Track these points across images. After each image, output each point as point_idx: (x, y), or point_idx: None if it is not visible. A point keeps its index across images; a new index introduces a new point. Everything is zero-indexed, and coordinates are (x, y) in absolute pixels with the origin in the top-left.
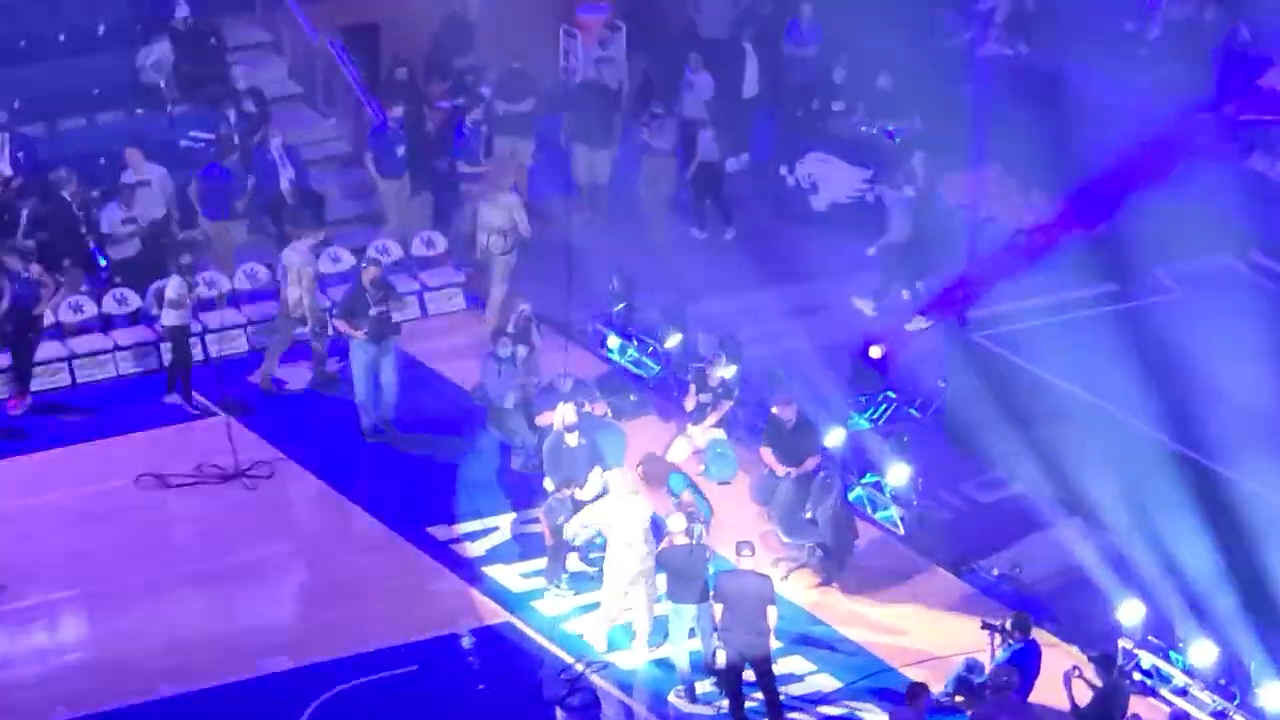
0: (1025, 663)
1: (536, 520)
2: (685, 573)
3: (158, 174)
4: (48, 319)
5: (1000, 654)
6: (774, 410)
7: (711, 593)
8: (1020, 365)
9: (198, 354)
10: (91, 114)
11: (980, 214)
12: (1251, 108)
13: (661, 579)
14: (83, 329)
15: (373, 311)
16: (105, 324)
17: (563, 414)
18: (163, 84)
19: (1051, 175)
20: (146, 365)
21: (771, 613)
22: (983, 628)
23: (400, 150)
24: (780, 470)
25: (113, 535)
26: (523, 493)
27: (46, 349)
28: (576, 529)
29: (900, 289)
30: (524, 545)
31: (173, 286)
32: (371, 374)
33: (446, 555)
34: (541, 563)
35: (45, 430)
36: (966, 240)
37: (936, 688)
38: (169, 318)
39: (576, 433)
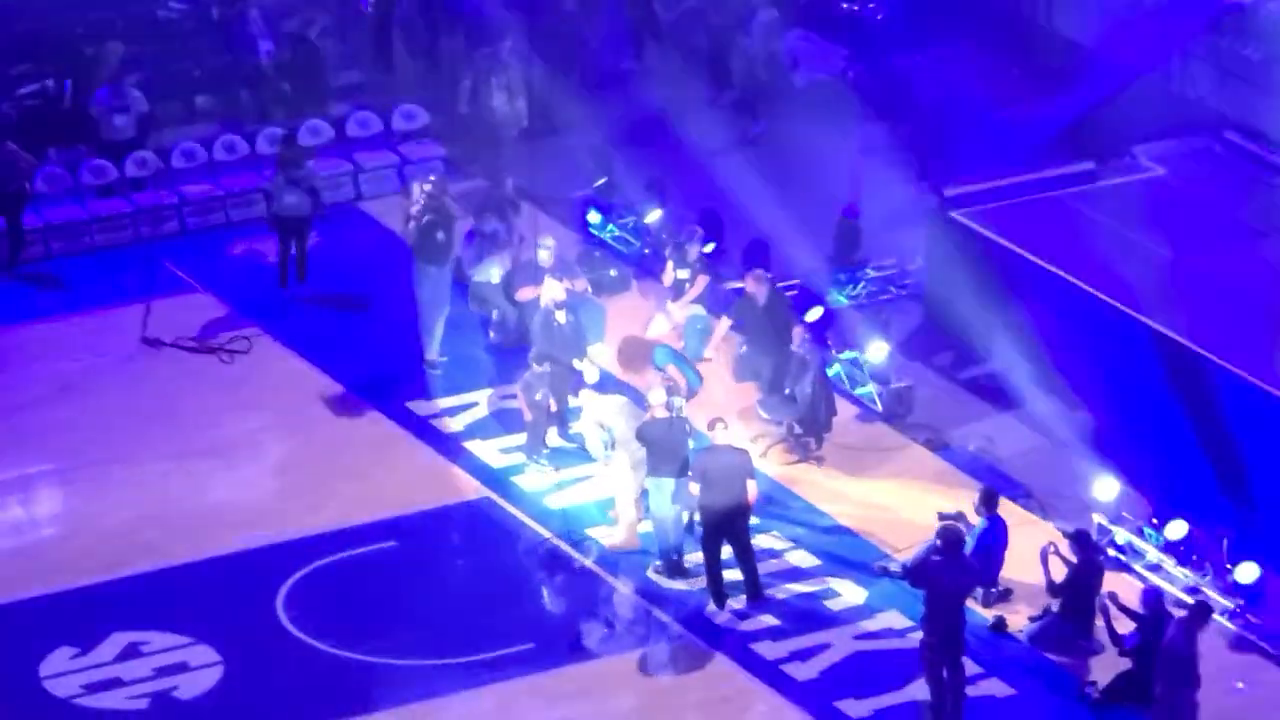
0: (993, 540)
1: (515, 396)
2: (665, 446)
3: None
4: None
5: (969, 536)
6: (745, 286)
7: (689, 471)
8: (998, 243)
9: (176, 226)
10: None
11: None
12: None
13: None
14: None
15: (413, 225)
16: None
17: (551, 290)
18: None
19: None
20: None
21: (751, 487)
22: (940, 518)
23: None
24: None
25: (90, 409)
26: (501, 368)
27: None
28: (591, 431)
29: None
30: (503, 420)
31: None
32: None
33: (426, 430)
34: (521, 438)
35: (23, 303)
36: None
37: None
38: None
39: (565, 309)
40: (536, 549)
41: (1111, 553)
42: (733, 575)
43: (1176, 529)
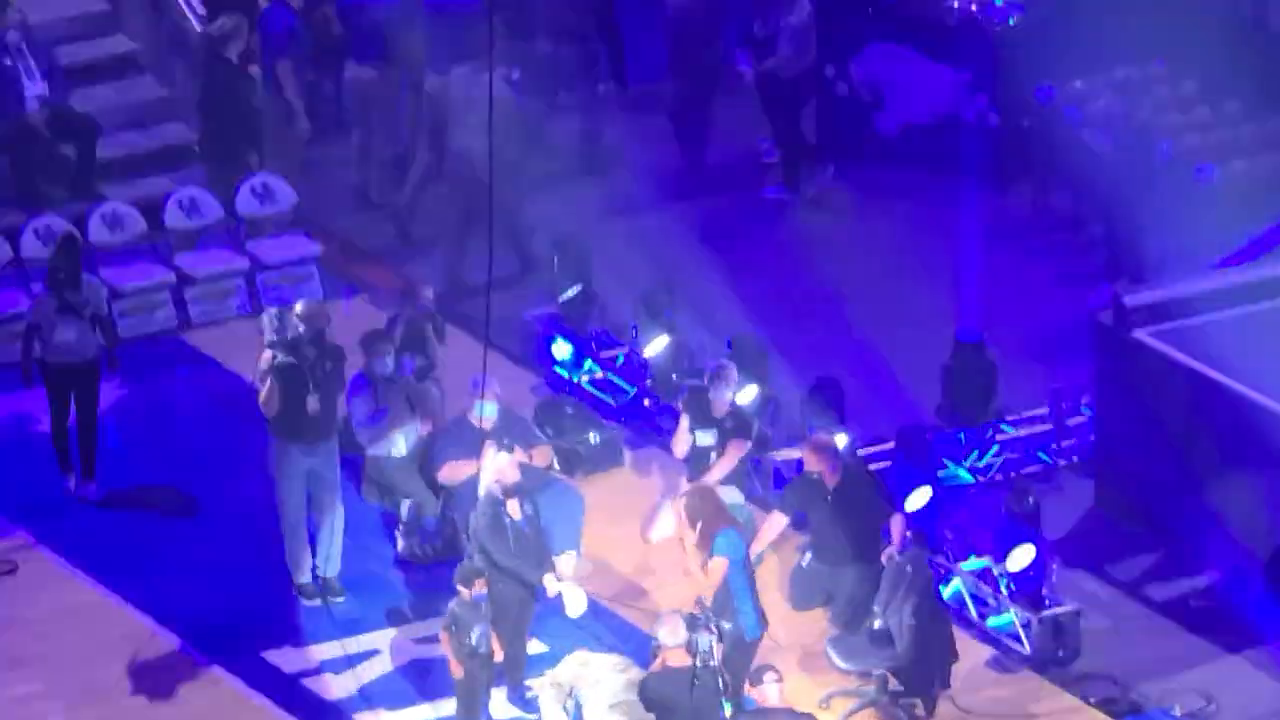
0: None
1: (437, 639)
2: (684, 714)
3: None
4: None
5: None
6: (806, 457)
7: None
8: (1220, 382)
9: None
10: None
11: None
12: None
13: None
14: None
15: (269, 380)
16: None
17: (498, 467)
18: None
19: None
20: None
21: None
22: None
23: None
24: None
25: None
26: (416, 595)
27: None
28: (548, 697)
29: None
30: (418, 678)
31: None
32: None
33: (295, 697)
34: (447, 706)
35: None
36: None
37: None
38: None
39: (518, 498)
40: None
41: None
42: None
43: None
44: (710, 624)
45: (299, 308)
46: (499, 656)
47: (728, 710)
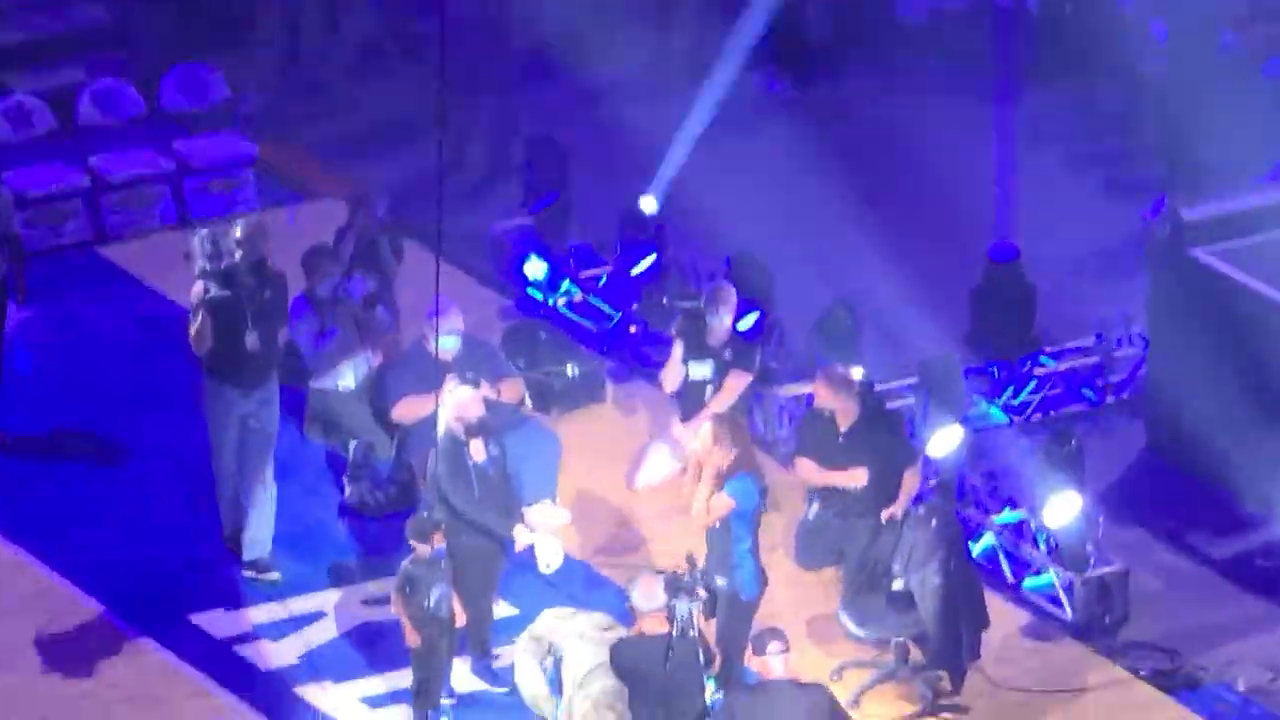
0: None
1: (389, 601)
2: (657, 684)
3: None
4: None
5: None
6: (816, 392)
7: None
8: None
9: None
10: None
11: None
12: None
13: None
14: None
15: (201, 313)
16: None
17: (460, 403)
18: None
19: None
20: None
21: None
22: None
23: None
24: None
25: None
26: (365, 550)
27: None
28: (526, 662)
29: None
30: (368, 645)
31: None
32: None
33: (227, 668)
34: (402, 678)
35: None
36: None
37: None
38: None
39: (484, 438)
40: None
41: None
42: None
43: None
44: (696, 587)
45: (236, 230)
46: (461, 621)
47: (711, 687)
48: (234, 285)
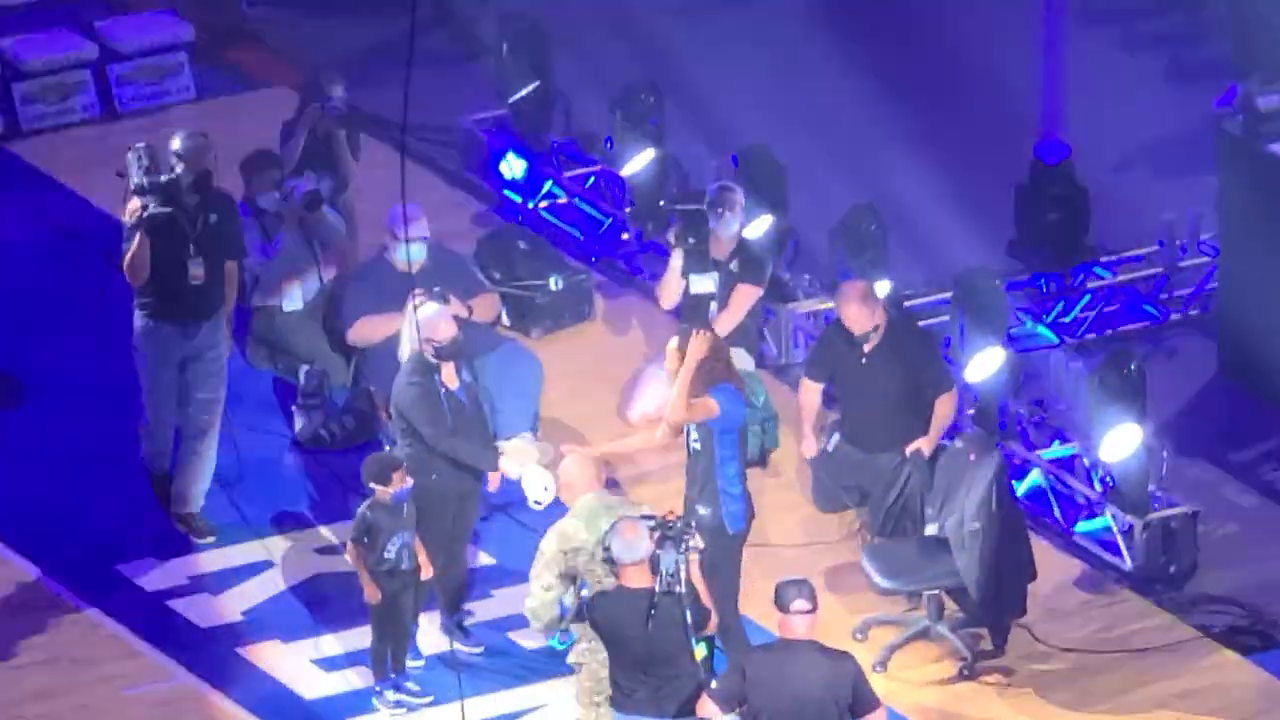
0: None
1: (344, 549)
2: (637, 650)
3: None
4: None
5: None
6: (839, 306)
7: (714, 686)
8: None
9: None
10: None
11: None
12: None
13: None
14: None
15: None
16: None
17: (428, 322)
18: None
19: None
20: None
21: None
22: None
23: None
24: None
25: None
26: (317, 491)
27: None
28: (552, 561)
29: None
30: (321, 600)
31: None
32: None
33: (160, 626)
34: (361, 637)
35: None
36: None
37: None
38: None
39: (455, 362)
40: None
41: None
42: None
43: None
44: (686, 536)
45: (176, 142)
46: (427, 573)
47: (700, 651)
48: (175, 204)
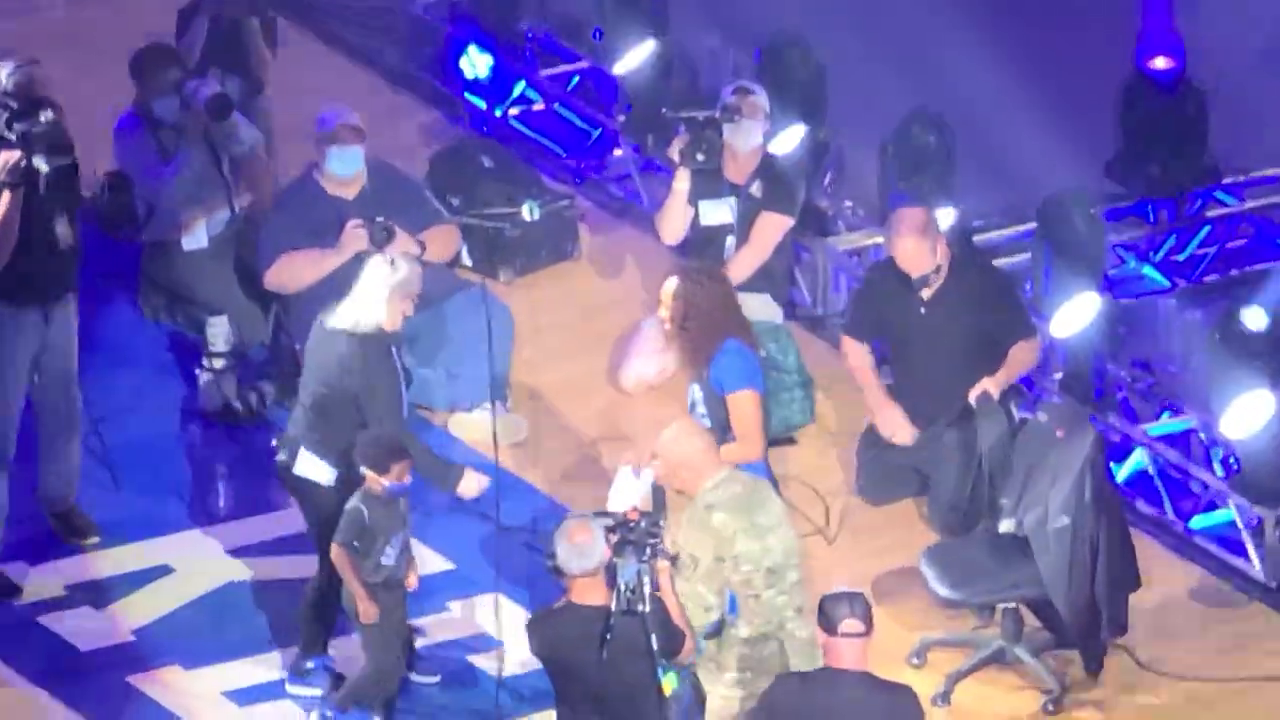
0: None
1: (259, 549)
2: (588, 682)
3: None
4: None
5: None
6: (890, 244)
7: None
8: None
9: None
10: None
11: None
12: None
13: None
14: None
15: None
16: None
17: (409, 282)
18: None
19: None
20: None
21: None
22: None
23: None
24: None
25: None
26: (228, 470)
27: None
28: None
29: None
30: (236, 615)
31: None
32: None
33: (27, 644)
34: (276, 662)
35: None
36: None
37: None
38: None
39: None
40: None
41: None
42: None
43: None
44: (650, 540)
45: (3, 76)
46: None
47: (671, 683)
48: (57, 153)
